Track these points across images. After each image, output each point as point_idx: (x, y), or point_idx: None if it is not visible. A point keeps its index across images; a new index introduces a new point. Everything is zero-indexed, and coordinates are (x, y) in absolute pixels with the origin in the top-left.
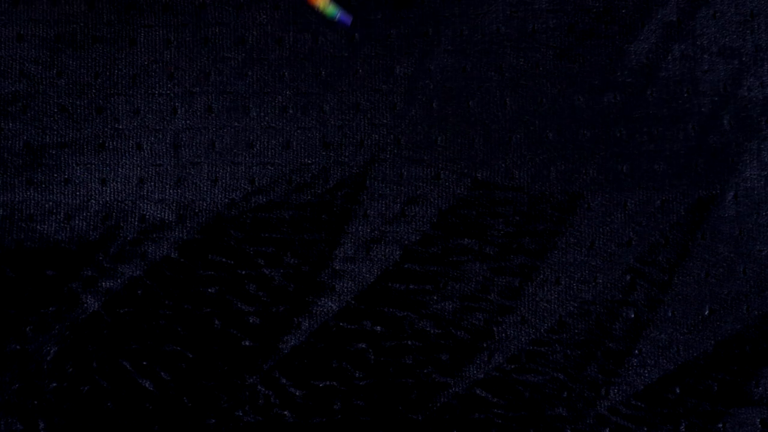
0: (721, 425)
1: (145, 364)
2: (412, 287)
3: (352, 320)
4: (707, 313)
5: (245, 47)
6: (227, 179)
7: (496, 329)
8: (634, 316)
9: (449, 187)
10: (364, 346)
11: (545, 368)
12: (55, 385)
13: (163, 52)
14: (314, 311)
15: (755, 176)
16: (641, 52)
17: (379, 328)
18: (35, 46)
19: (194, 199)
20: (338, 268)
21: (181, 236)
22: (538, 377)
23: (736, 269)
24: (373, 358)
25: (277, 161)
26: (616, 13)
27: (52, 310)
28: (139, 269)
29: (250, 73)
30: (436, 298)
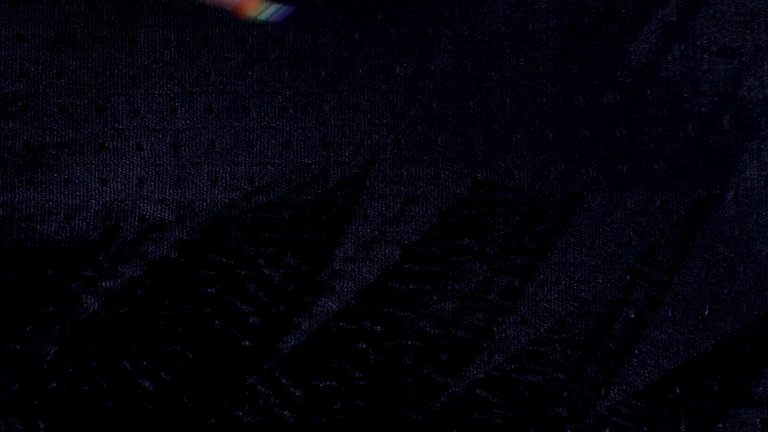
0: (721, 425)
1: (145, 364)
2: (412, 287)
3: (352, 320)
4: (707, 313)
5: (245, 47)
6: (227, 179)
7: (496, 329)
8: (634, 316)
9: (449, 187)
10: (364, 346)
11: (545, 368)
12: (55, 385)
13: (163, 52)
14: (314, 311)
15: (755, 176)
16: (641, 52)
17: (379, 328)
18: (35, 46)
19: (194, 199)
20: (338, 268)
21: (181, 236)
22: (538, 377)
23: (736, 269)
24: (373, 358)
25: (277, 161)
26: (616, 13)
27: (52, 310)
28: (139, 269)
29: (250, 73)
30: (436, 298)
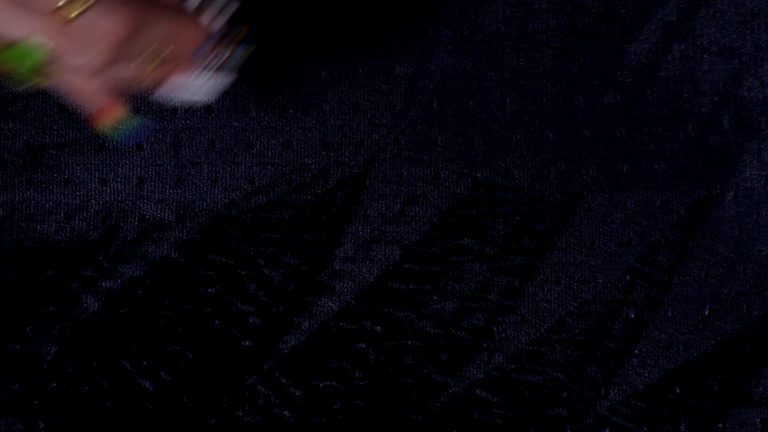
0: (721, 425)
1: (145, 364)
2: (412, 287)
3: (352, 320)
4: (707, 313)
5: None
6: (227, 179)
7: (496, 329)
8: (634, 316)
9: (449, 187)
10: (364, 346)
11: (545, 368)
12: (55, 385)
13: None
14: (314, 311)
15: (755, 176)
16: (641, 52)
17: (379, 328)
18: None
19: (194, 199)
20: (338, 268)
21: (181, 236)
22: (538, 377)
23: (736, 269)
24: (373, 358)
25: (277, 161)
26: (616, 13)
27: (52, 310)
28: (139, 269)
29: (250, 73)
30: (436, 298)
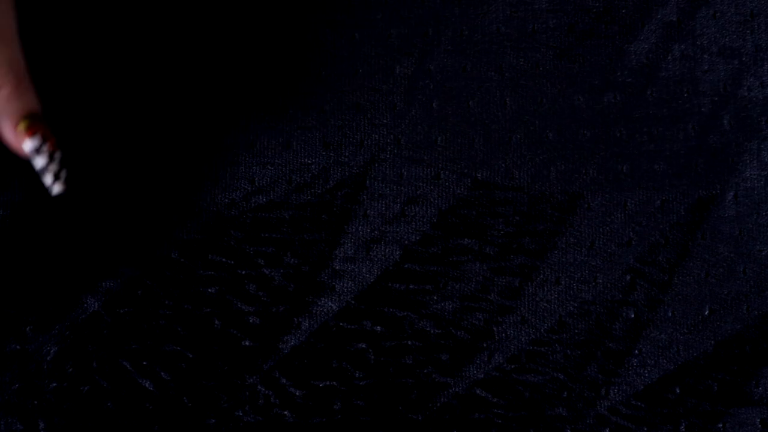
0: (721, 425)
1: (145, 364)
2: (412, 287)
3: (352, 320)
4: (707, 313)
5: None
6: (227, 179)
7: (496, 329)
8: (634, 316)
9: (449, 187)
10: (364, 346)
11: (545, 368)
12: (55, 385)
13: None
14: (314, 311)
15: (755, 176)
16: (641, 52)
17: (379, 328)
18: None
19: (194, 199)
20: (338, 268)
21: (181, 236)
22: (538, 377)
23: (736, 269)
24: (373, 358)
25: (277, 161)
26: (616, 13)
27: (52, 310)
28: (139, 269)
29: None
30: (436, 298)
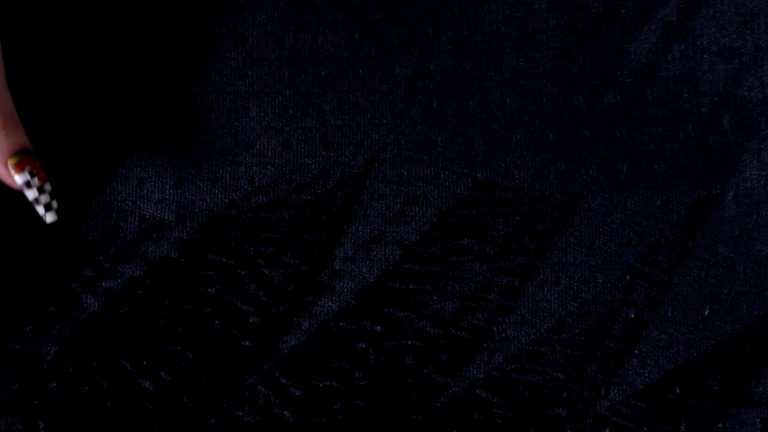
0: (721, 425)
1: (145, 364)
2: (412, 287)
3: (352, 320)
4: (707, 313)
5: (245, 47)
6: (227, 179)
7: (496, 329)
8: (634, 316)
9: (449, 187)
10: (364, 346)
11: (545, 368)
12: (55, 385)
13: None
14: (314, 311)
15: (755, 176)
16: (641, 52)
17: (379, 328)
18: None
19: (194, 199)
20: (338, 268)
21: (181, 236)
22: (538, 377)
23: (736, 269)
24: (373, 358)
25: (277, 161)
26: (616, 13)
27: (52, 310)
28: (139, 269)
29: (250, 73)
30: (436, 298)
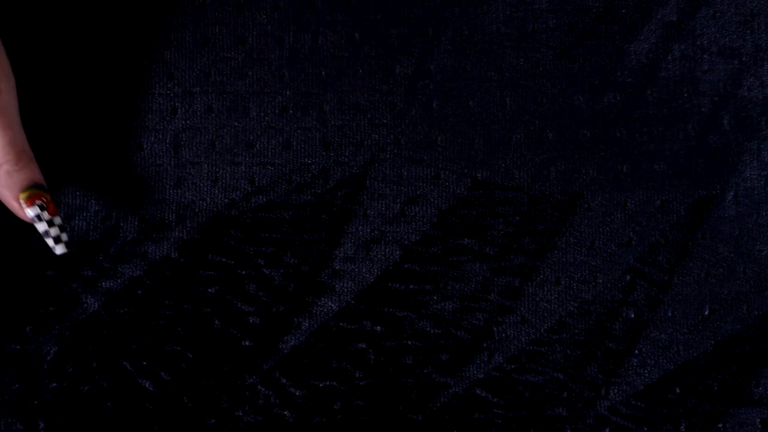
0: (721, 425)
1: (145, 364)
2: (412, 287)
3: (352, 320)
4: (707, 313)
5: (245, 47)
6: (227, 179)
7: (496, 329)
8: (634, 316)
9: (449, 187)
10: (364, 346)
11: (545, 368)
12: (55, 385)
13: (163, 52)
14: (314, 311)
15: (755, 176)
16: (641, 52)
17: (379, 328)
18: None
19: (194, 199)
20: (338, 268)
21: (181, 236)
22: (538, 377)
23: (736, 269)
24: (373, 358)
25: (277, 161)
26: (616, 13)
27: (52, 310)
28: (139, 269)
29: (250, 73)
30: (436, 298)
